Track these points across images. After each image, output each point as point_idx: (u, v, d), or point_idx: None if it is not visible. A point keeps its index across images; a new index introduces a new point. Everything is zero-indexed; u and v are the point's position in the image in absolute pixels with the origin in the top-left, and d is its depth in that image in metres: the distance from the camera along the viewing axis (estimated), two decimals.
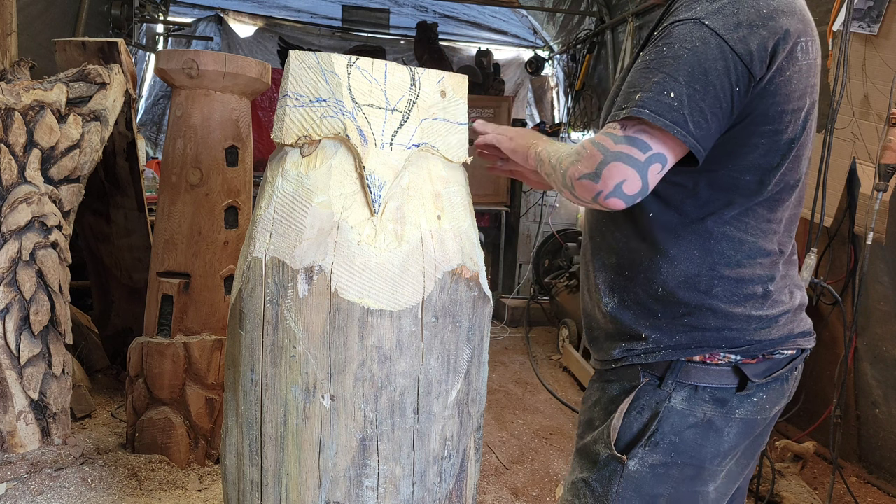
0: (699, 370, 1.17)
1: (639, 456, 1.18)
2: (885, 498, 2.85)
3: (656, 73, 1.05)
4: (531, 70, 7.48)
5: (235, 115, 2.70)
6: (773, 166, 1.13)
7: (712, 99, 1.04)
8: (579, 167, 1.08)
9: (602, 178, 1.04)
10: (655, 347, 1.18)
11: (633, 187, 1.05)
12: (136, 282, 3.41)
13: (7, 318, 2.54)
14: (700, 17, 1.05)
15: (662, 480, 1.19)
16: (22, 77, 2.75)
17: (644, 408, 1.19)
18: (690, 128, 1.03)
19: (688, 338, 1.17)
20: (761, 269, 1.17)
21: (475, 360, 1.40)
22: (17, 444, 2.57)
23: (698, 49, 1.03)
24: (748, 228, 1.16)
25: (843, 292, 3.03)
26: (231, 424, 1.36)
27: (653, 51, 1.08)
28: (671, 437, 1.17)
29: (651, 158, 1.04)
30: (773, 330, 1.18)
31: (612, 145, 1.05)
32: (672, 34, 1.06)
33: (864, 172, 2.83)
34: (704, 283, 1.16)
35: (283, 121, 1.29)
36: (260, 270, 1.27)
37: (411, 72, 1.35)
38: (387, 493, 1.30)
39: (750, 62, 1.05)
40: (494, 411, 3.59)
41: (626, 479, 1.19)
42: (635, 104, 1.04)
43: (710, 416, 1.17)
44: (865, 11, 2.75)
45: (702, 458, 1.18)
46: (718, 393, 1.17)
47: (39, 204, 2.60)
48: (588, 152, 1.07)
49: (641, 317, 1.20)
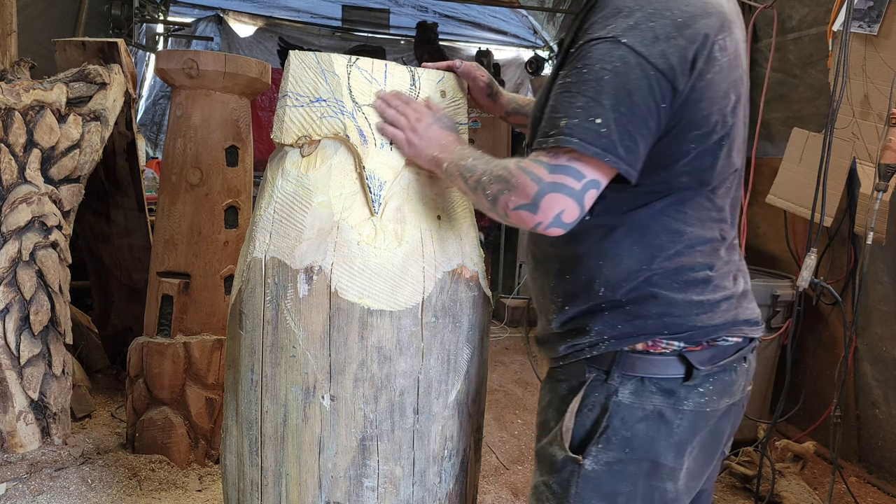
0: (644, 360, 1.16)
1: (593, 454, 1.16)
2: (885, 498, 2.85)
3: (579, 97, 1.03)
4: (531, 70, 7.48)
5: (235, 115, 2.70)
6: (707, 167, 1.13)
7: (639, 121, 1.03)
8: (513, 198, 1.06)
9: (541, 209, 1.04)
10: (599, 339, 1.17)
11: (571, 216, 1.05)
12: (136, 282, 3.41)
13: (7, 318, 2.54)
14: (617, 36, 1.03)
15: (620, 478, 1.17)
16: (22, 77, 2.75)
17: (594, 404, 1.17)
18: (621, 153, 1.02)
19: (629, 326, 1.16)
20: (702, 257, 1.17)
21: (475, 360, 1.40)
22: (17, 444, 2.57)
23: (619, 70, 1.02)
24: (686, 219, 1.15)
25: (843, 292, 3.03)
26: (231, 424, 1.36)
27: (572, 72, 1.06)
28: (623, 433, 1.15)
29: (586, 186, 1.04)
30: (716, 315, 1.17)
31: (546, 175, 1.04)
32: (590, 54, 1.04)
33: (864, 172, 2.83)
34: (645, 275, 1.15)
35: (283, 121, 1.29)
36: (260, 270, 1.27)
37: (411, 72, 1.35)
38: (387, 493, 1.30)
39: (672, 77, 1.04)
40: (494, 411, 3.59)
41: (583, 479, 1.17)
42: (562, 132, 1.02)
43: (659, 407, 1.15)
44: (865, 11, 2.75)
45: (656, 453, 1.16)
46: (665, 384, 1.16)
47: (39, 204, 2.60)
48: (521, 182, 1.05)
49: (586, 312, 1.20)
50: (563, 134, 1.02)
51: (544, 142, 1.05)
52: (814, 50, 3.25)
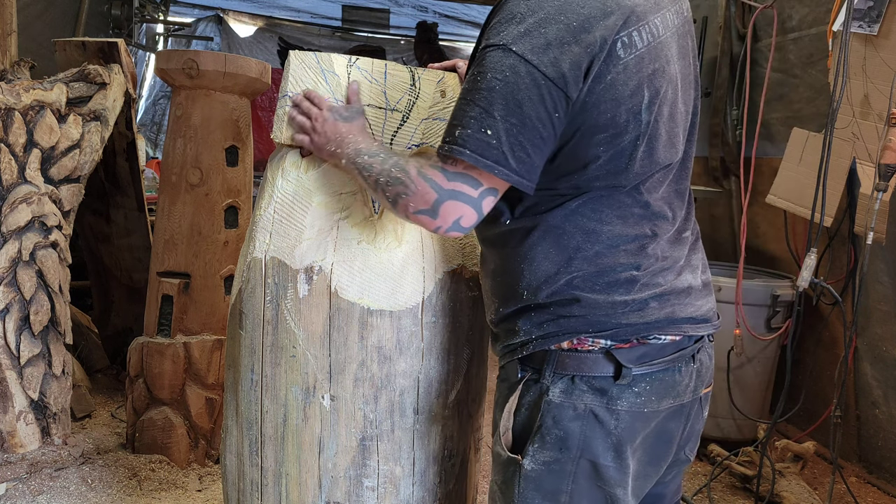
0: (573, 359, 1.14)
1: (531, 454, 1.15)
2: (885, 498, 2.85)
3: (473, 107, 1.03)
4: None
5: (235, 115, 2.70)
6: (622, 168, 1.09)
7: (530, 131, 1.02)
8: (412, 202, 1.07)
9: (440, 215, 1.06)
10: (527, 339, 1.17)
11: (469, 221, 1.07)
12: (136, 282, 3.41)
13: (7, 318, 2.54)
14: (507, 44, 1.01)
15: (559, 476, 1.16)
16: (22, 77, 2.75)
17: (529, 404, 1.17)
18: (512, 164, 1.02)
19: (554, 325, 1.14)
20: (626, 257, 1.14)
21: (475, 360, 1.40)
22: (17, 444, 2.57)
23: (509, 79, 1.00)
24: (603, 218, 1.12)
25: (843, 292, 3.03)
26: (231, 424, 1.36)
27: (470, 79, 1.05)
28: (555, 432, 1.14)
29: (483, 193, 1.06)
30: (645, 313, 1.14)
31: (444, 182, 1.05)
32: (484, 62, 1.03)
33: (864, 172, 2.83)
34: (564, 278, 1.13)
35: (283, 121, 1.29)
36: (260, 270, 1.27)
37: (411, 72, 1.35)
38: (387, 493, 1.30)
39: (564, 85, 1.01)
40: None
41: (524, 478, 1.16)
42: (456, 142, 1.03)
43: (592, 406, 1.13)
44: (865, 11, 2.75)
45: (593, 453, 1.14)
46: (596, 382, 1.13)
47: (39, 204, 2.60)
48: (419, 189, 1.06)
49: (515, 313, 1.19)
50: (456, 144, 1.03)
51: (442, 148, 1.07)
52: (814, 50, 3.25)
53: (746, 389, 3.05)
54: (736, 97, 3.73)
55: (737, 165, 3.58)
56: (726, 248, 3.95)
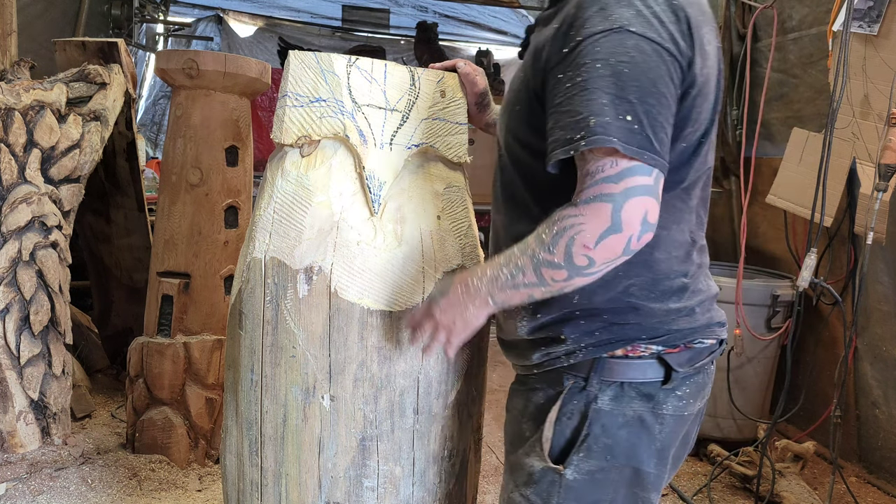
0: (622, 365, 1.12)
1: (574, 464, 1.12)
2: (885, 498, 2.85)
3: (601, 94, 0.95)
4: None
5: (235, 115, 2.70)
6: (685, 163, 1.09)
7: (667, 110, 0.99)
8: (588, 233, 0.95)
9: (624, 223, 0.94)
10: (576, 347, 1.13)
11: (654, 213, 0.97)
12: (136, 282, 3.41)
13: (7, 318, 2.54)
14: (624, 25, 0.97)
15: (602, 485, 1.14)
16: (22, 77, 2.75)
17: (573, 412, 1.13)
18: (656, 147, 0.97)
19: (607, 333, 1.12)
20: (677, 264, 1.13)
21: (475, 360, 1.40)
22: (17, 444, 2.57)
23: (637, 59, 0.96)
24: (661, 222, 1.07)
25: (843, 292, 3.03)
26: (231, 424, 1.36)
27: (580, 70, 0.98)
28: (604, 440, 1.12)
29: (658, 176, 0.98)
30: (693, 319, 1.15)
31: (614, 188, 0.95)
32: (597, 49, 0.97)
33: (864, 172, 2.83)
34: (622, 284, 1.10)
35: (282, 121, 1.29)
36: (260, 270, 1.27)
37: (411, 72, 1.35)
38: (387, 493, 1.30)
39: (682, 59, 1.01)
40: (494, 411, 3.59)
41: (565, 489, 1.13)
42: (594, 132, 0.95)
43: (640, 413, 1.12)
44: (865, 11, 2.75)
45: (638, 459, 1.13)
46: (644, 388, 1.13)
47: (39, 204, 2.60)
48: (589, 211, 0.96)
49: (559, 320, 1.15)
50: (596, 133, 0.94)
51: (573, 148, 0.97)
52: (814, 50, 3.25)
53: (746, 389, 3.05)
54: (736, 97, 3.74)
55: (737, 165, 3.58)
56: (726, 248, 3.95)
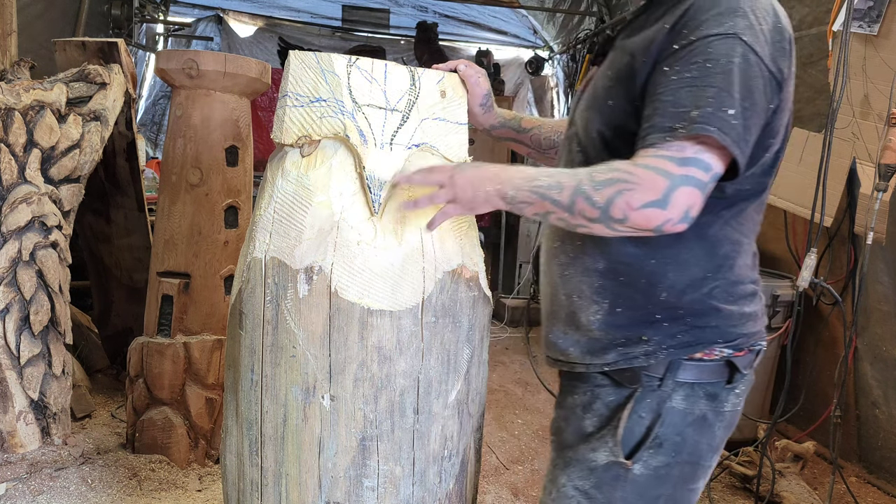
0: (695, 367, 1.18)
1: (643, 459, 1.18)
2: (885, 498, 2.85)
3: (708, 88, 1.02)
4: (531, 70, 7.48)
5: (235, 115, 2.70)
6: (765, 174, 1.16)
7: (757, 118, 1.05)
8: (637, 195, 1.01)
9: (671, 204, 1.00)
10: (657, 348, 1.17)
11: (697, 210, 1.03)
12: (136, 282, 3.41)
13: (7, 318, 2.54)
14: (738, 33, 1.03)
15: (664, 481, 1.19)
16: (22, 77, 2.75)
17: (646, 410, 1.18)
18: (743, 146, 1.03)
19: (690, 336, 1.17)
20: (748, 271, 1.21)
21: (475, 360, 1.40)
22: (17, 444, 2.57)
23: (743, 66, 1.03)
24: (742, 230, 1.18)
25: (843, 292, 3.03)
26: (231, 424, 1.36)
27: (690, 66, 1.04)
28: (674, 438, 1.17)
29: (712, 178, 1.03)
30: (757, 323, 1.22)
31: (675, 168, 1.00)
32: (710, 49, 1.03)
33: (864, 172, 2.83)
34: (708, 285, 1.16)
35: (283, 121, 1.29)
36: (260, 270, 1.27)
37: (411, 72, 1.35)
38: (387, 493, 1.30)
39: (780, 79, 1.08)
40: (494, 411, 3.59)
41: (630, 483, 1.18)
42: (695, 121, 1.00)
43: (704, 411, 1.19)
44: (865, 11, 2.75)
45: (699, 455, 1.20)
46: (711, 388, 1.19)
47: (39, 204, 2.60)
48: (645, 178, 1.01)
49: (640, 319, 1.18)
50: (697, 123, 1.00)
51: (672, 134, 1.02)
52: (814, 50, 3.25)
53: None
54: None
55: None
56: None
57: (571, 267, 1.25)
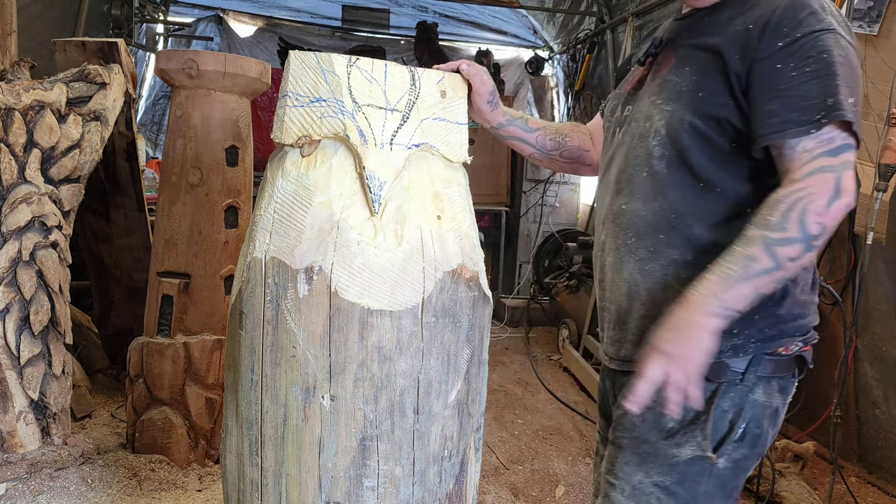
0: (773, 362, 1.21)
1: (727, 452, 1.21)
2: (885, 498, 2.85)
3: (834, 78, 1.08)
4: (531, 70, 7.48)
5: (235, 115, 2.70)
6: None
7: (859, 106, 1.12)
8: (819, 201, 1.04)
9: (843, 190, 1.05)
10: (745, 342, 1.20)
11: (856, 186, 1.09)
12: (136, 282, 3.41)
13: (7, 318, 2.54)
14: (836, 29, 1.11)
15: (741, 472, 1.24)
16: (22, 77, 2.75)
17: (728, 404, 1.21)
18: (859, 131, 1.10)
19: (775, 330, 1.20)
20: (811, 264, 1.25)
21: (475, 360, 1.40)
22: (17, 444, 2.57)
23: (849, 58, 1.11)
24: None
25: (843, 292, 3.03)
26: (231, 424, 1.36)
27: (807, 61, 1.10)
28: (754, 430, 1.22)
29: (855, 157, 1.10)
30: (816, 315, 1.27)
31: (833, 161, 1.07)
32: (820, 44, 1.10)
33: (864, 172, 2.83)
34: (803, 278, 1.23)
35: (283, 121, 1.29)
36: (260, 270, 1.27)
37: (411, 72, 1.35)
38: (387, 493, 1.30)
39: None
40: (494, 411, 3.59)
41: (714, 477, 1.21)
42: (833, 109, 1.07)
43: (777, 404, 1.24)
44: (865, 11, 2.75)
45: (766, 446, 1.26)
46: (783, 381, 1.24)
47: (39, 204, 2.60)
48: (815, 182, 1.06)
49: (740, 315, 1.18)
50: (836, 111, 1.07)
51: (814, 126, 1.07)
52: None
53: None
54: None
55: None
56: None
57: (653, 261, 1.24)
